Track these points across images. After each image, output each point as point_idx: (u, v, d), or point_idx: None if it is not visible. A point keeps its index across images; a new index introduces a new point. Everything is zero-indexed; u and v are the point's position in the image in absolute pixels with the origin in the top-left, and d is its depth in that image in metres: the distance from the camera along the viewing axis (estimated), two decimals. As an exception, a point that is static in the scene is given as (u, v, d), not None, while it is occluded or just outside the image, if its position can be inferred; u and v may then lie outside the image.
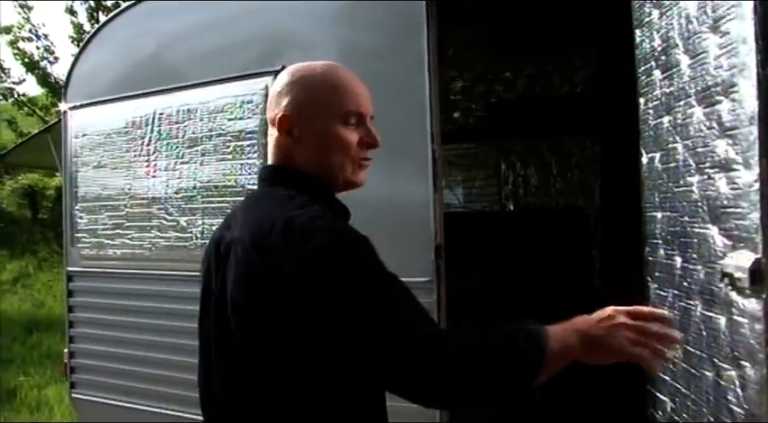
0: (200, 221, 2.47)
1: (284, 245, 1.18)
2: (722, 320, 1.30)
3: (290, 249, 1.17)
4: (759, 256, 1.17)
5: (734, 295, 1.25)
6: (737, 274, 1.21)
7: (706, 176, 1.34)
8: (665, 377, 1.57)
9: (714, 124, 1.30)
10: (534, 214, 4.15)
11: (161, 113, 2.59)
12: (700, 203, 1.38)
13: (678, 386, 1.51)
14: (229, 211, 2.24)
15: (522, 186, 4.20)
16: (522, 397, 1.16)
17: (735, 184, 1.23)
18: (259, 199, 1.43)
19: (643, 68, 1.67)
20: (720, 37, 1.27)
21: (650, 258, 1.67)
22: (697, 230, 1.40)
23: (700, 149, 1.37)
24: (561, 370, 1.16)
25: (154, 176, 2.62)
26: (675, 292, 1.52)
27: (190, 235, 2.51)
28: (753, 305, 1.19)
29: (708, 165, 1.33)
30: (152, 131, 2.61)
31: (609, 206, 3.86)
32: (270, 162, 1.45)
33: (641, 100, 1.69)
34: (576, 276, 3.90)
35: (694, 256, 1.41)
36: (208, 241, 1.39)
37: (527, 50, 4.11)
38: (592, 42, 3.85)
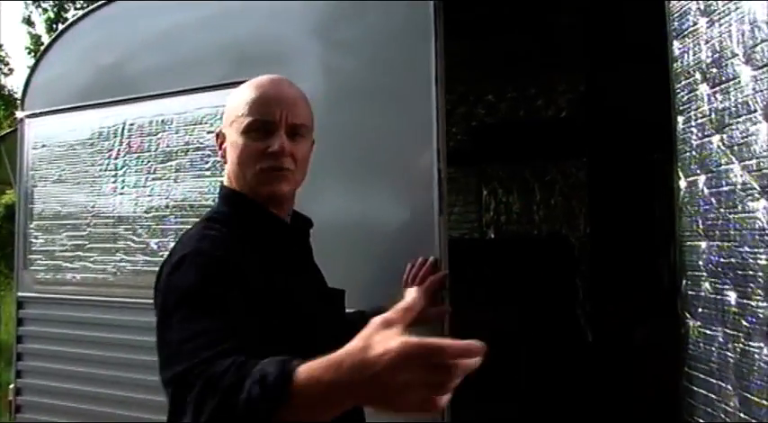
0: (172, 244, 2.22)
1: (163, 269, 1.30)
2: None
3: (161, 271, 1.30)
4: None
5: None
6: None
7: (779, 202, 1.19)
8: (717, 429, 1.39)
9: (794, 142, 1.15)
10: (516, 242, 4.01)
11: (131, 124, 2.36)
12: (767, 232, 1.22)
13: (734, 438, 1.34)
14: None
15: (504, 213, 4.05)
16: None
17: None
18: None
19: (683, 83, 1.51)
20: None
21: (690, 293, 1.51)
22: (763, 263, 1.24)
23: (768, 171, 1.21)
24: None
25: (121, 193, 2.38)
26: (728, 331, 1.35)
27: (161, 259, 2.24)
28: None
29: (783, 188, 1.18)
30: (120, 143, 2.37)
31: (595, 234, 3.74)
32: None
33: (679, 119, 1.54)
34: (558, 306, 3.76)
35: (759, 291, 1.25)
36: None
37: (510, 73, 4.00)
38: (578, 66, 3.76)
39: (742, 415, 1.31)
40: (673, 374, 2.99)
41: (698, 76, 1.46)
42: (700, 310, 1.47)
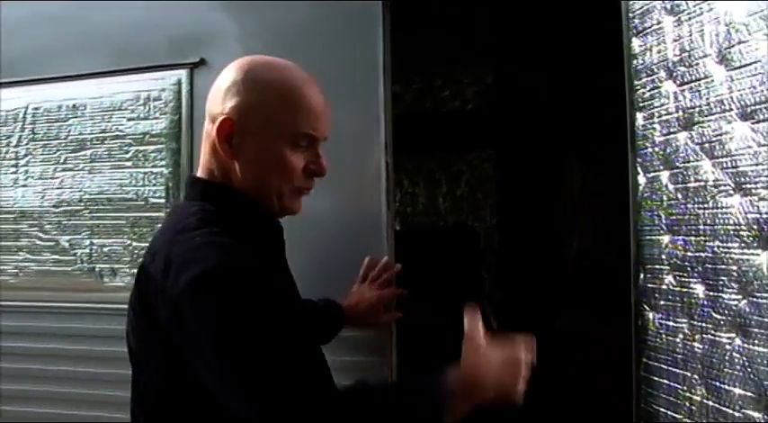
0: (87, 241, 2.03)
1: (162, 276, 1.07)
2: (781, 357, 1.18)
3: (164, 282, 1.06)
4: None
5: (803, 329, 1.14)
6: (819, 307, 1.09)
7: (756, 198, 1.23)
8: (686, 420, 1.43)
9: (773, 141, 1.19)
10: (422, 233, 4.02)
11: (36, 108, 2.11)
12: (741, 227, 1.26)
13: (702, 427, 1.39)
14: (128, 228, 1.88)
15: (410, 204, 4.05)
16: None
17: (809, 206, 1.12)
18: (170, 214, 1.31)
19: (644, 80, 1.54)
20: (788, 46, 1.16)
21: (649, 285, 1.54)
22: (736, 257, 1.28)
23: (745, 168, 1.25)
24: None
25: (24, 185, 2.12)
26: (695, 323, 1.39)
27: (73, 258, 2.04)
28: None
29: (761, 185, 1.22)
30: (23, 129, 2.12)
31: (501, 225, 3.82)
32: (198, 169, 1.28)
33: (639, 115, 1.57)
34: (464, 297, 3.81)
35: (732, 284, 1.29)
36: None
37: (416, 64, 3.98)
38: (485, 58, 3.81)
39: (710, 403, 1.35)
40: (597, 364, 3.13)
41: (662, 73, 1.48)
42: (661, 302, 1.50)
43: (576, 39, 3.57)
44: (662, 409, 1.49)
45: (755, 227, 1.23)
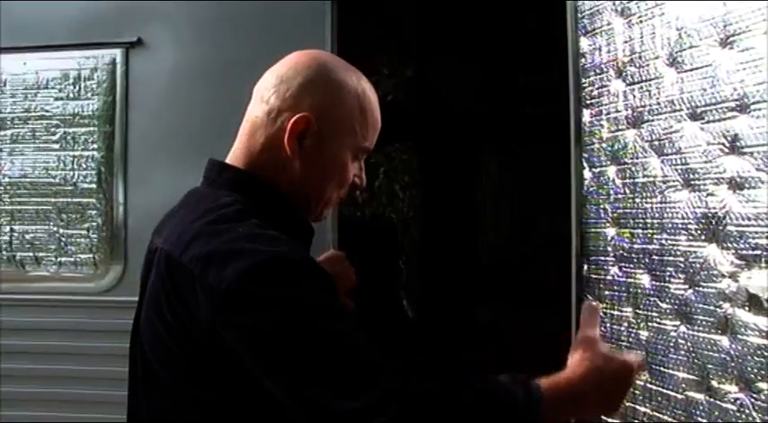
0: (7, 228, 1.88)
1: (201, 269, 0.97)
2: (724, 342, 1.27)
3: (205, 275, 0.96)
4: (791, 276, 1.15)
5: (748, 316, 1.22)
6: (765, 295, 1.18)
7: (705, 193, 1.31)
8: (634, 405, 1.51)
9: (722, 140, 1.27)
10: (340, 224, 4.00)
11: (-56, 82, 1.93)
12: (689, 221, 1.34)
13: (645, 410, 1.46)
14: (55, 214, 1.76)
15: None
16: None
17: (757, 202, 1.20)
18: (191, 201, 1.16)
19: (592, 79, 1.60)
20: (739, 52, 1.24)
21: (593, 276, 1.61)
22: (683, 249, 1.36)
23: (695, 165, 1.33)
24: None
25: (-70, 166, 1.95)
26: (640, 311, 1.47)
27: (-9, 242, 1.89)
28: (781, 326, 1.16)
29: (710, 182, 1.30)
30: (-73, 105, 1.94)
31: (420, 217, 3.87)
32: (238, 160, 1.16)
33: (586, 112, 1.63)
34: (382, 288, 3.84)
35: (678, 275, 1.37)
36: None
37: (336, 54, 3.96)
38: (406, 51, 3.84)
39: (653, 387, 1.43)
40: (517, 353, 3.22)
41: (611, 72, 1.55)
42: (606, 292, 1.57)
43: (501, 35, 3.66)
44: (605, 394, 1.56)
45: (703, 221, 1.31)
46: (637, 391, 1.47)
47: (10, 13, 1.90)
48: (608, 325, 1.56)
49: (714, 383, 1.27)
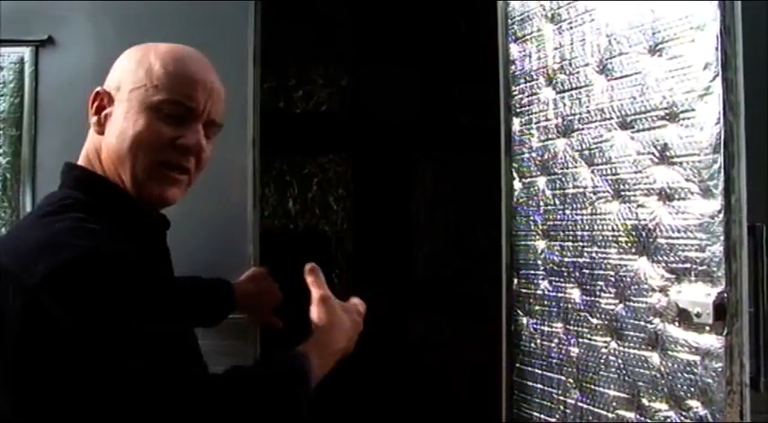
0: None
1: (15, 265, 0.96)
2: (655, 358, 1.22)
3: (18, 272, 0.95)
4: (721, 290, 1.12)
5: (678, 332, 1.18)
6: (695, 310, 1.14)
7: (635, 205, 1.27)
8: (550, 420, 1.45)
9: (652, 150, 1.23)
10: (272, 236, 3.88)
11: None
12: (620, 233, 1.30)
13: (575, 428, 1.41)
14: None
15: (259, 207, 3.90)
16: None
17: (686, 214, 1.17)
18: (39, 205, 1.12)
19: (522, 86, 1.56)
20: (668, 60, 1.20)
21: (523, 290, 1.55)
22: (614, 262, 1.32)
23: (625, 176, 1.29)
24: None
25: None
26: (571, 327, 1.42)
27: None
28: (711, 341, 1.13)
29: (640, 193, 1.26)
30: None
31: (353, 229, 3.79)
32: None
33: (516, 120, 1.58)
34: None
35: (609, 289, 1.32)
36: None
37: (269, 61, 3.86)
38: (341, 60, 3.77)
39: (584, 405, 1.38)
40: (453, 369, 3.16)
41: (542, 80, 1.50)
42: (536, 307, 1.52)
43: (436, 44, 3.63)
44: (535, 413, 1.51)
45: (634, 233, 1.27)
46: (568, 411, 1.42)
47: None
48: (538, 341, 1.51)
49: (644, 401, 1.23)
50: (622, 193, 1.29)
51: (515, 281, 1.59)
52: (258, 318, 1.75)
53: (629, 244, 1.28)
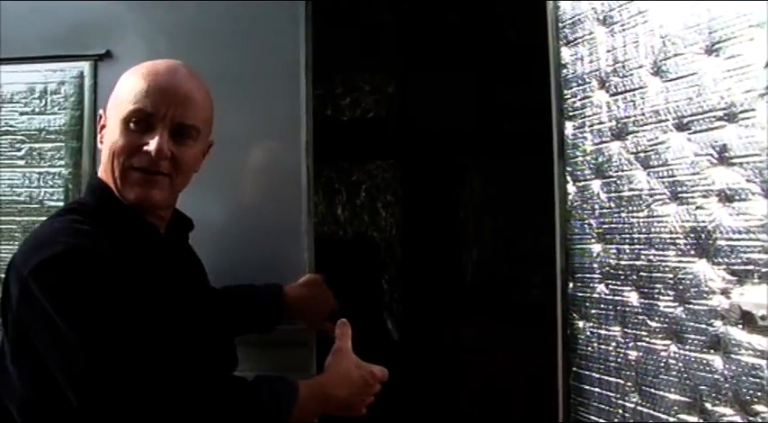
0: (-29, 250, 1.80)
1: (18, 257, 1.18)
2: (717, 362, 1.21)
3: (19, 262, 1.16)
4: (787, 292, 1.10)
5: (741, 334, 1.16)
6: (759, 312, 1.12)
7: (693, 207, 1.25)
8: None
9: (711, 151, 1.22)
10: (322, 244, 3.93)
11: None
12: (678, 235, 1.29)
13: (636, 433, 1.40)
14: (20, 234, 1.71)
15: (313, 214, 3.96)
16: None
17: (748, 215, 1.15)
18: (54, 214, 1.34)
19: (575, 90, 1.55)
20: (725, 59, 1.19)
21: (578, 294, 1.55)
22: (672, 265, 1.30)
23: (682, 178, 1.28)
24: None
25: None
26: (629, 330, 1.41)
27: (-52, 264, 1.80)
28: (779, 345, 1.11)
29: (698, 194, 1.24)
30: None
31: (402, 236, 3.81)
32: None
33: (569, 124, 1.57)
34: (365, 307, 3.76)
35: (667, 291, 1.31)
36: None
37: (316, 70, 3.91)
38: (388, 67, 3.80)
39: (643, 409, 1.37)
40: (505, 374, 3.15)
41: (594, 83, 1.50)
42: (593, 311, 1.51)
43: (483, 49, 3.63)
44: (593, 417, 1.50)
45: (692, 235, 1.25)
46: (627, 414, 1.41)
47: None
48: (595, 345, 1.50)
49: (708, 405, 1.21)
50: (680, 195, 1.28)
51: (570, 285, 1.58)
52: (311, 324, 1.79)
53: (688, 246, 1.26)
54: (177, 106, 1.27)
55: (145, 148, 1.25)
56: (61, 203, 1.81)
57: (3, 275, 1.75)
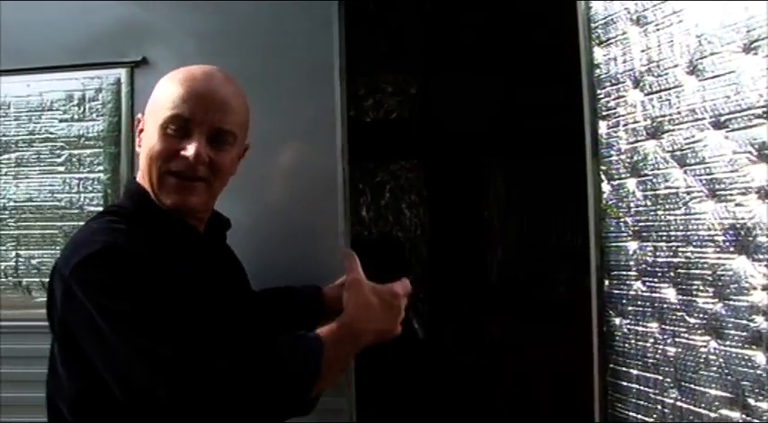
0: (12, 253, 1.84)
1: (60, 258, 1.22)
2: (759, 357, 1.22)
3: (61, 263, 1.20)
4: (829, 288, 1.11)
5: (784, 331, 1.17)
6: (804, 309, 1.13)
7: (732, 204, 1.26)
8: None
9: (749, 149, 1.23)
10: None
11: (-54, 106, 1.91)
12: (716, 232, 1.30)
13: (676, 429, 1.41)
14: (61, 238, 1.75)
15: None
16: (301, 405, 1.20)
17: (789, 211, 1.16)
18: (93, 217, 1.36)
19: (608, 89, 1.57)
20: (764, 57, 1.20)
21: (615, 291, 1.56)
22: (711, 261, 1.32)
23: (720, 175, 1.29)
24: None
25: (-69, 191, 1.91)
26: (666, 326, 1.42)
27: (-8, 269, 1.86)
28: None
29: (737, 191, 1.25)
30: (-72, 129, 1.91)
31: (427, 235, 3.83)
32: None
33: (602, 123, 1.59)
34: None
35: (706, 288, 1.32)
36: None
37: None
38: (410, 68, 3.82)
39: (683, 405, 1.38)
40: (534, 372, 3.16)
41: (628, 82, 1.51)
42: (629, 308, 1.52)
43: (505, 49, 3.64)
44: (631, 413, 1.51)
45: (731, 232, 1.26)
46: (666, 410, 1.42)
47: (13, 36, 1.88)
48: (633, 342, 1.51)
49: (750, 401, 1.22)
50: (718, 193, 1.29)
51: (606, 282, 1.59)
52: None
53: (727, 243, 1.27)
54: (215, 112, 1.28)
55: (182, 153, 1.26)
56: (100, 208, 1.85)
57: (46, 279, 1.83)
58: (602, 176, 1.60)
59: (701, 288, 1.33)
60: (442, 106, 3.73)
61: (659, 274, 1.44)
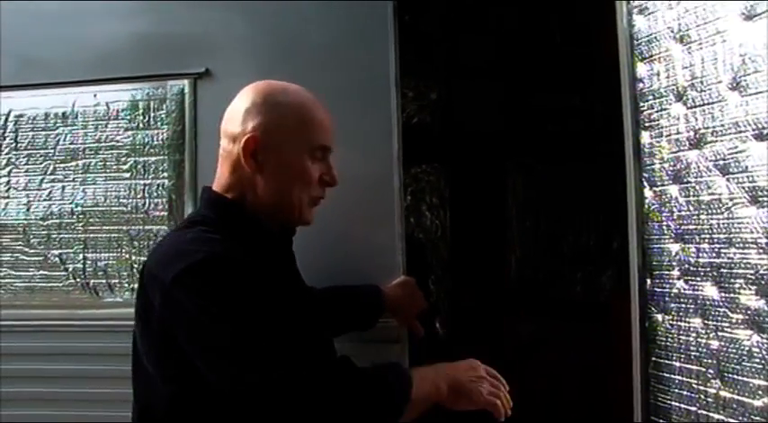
0: (80, 256, 1.95)
1: (156, 267, 1.26)
2: (800, 350, 1.33)
3: (159, 272, 1.24)
4: None
5: (824, 325, 1.29)
6: (843, 305, 1.24)
7: (775, 209, 1.38)
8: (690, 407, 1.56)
9: (792, 159, 1.34)
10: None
11: (19, 115, 2.01)
12: (759, 235, 1.41)
13: (720, 417, 1.53)
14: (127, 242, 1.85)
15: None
16: None
17: (829, 217, 1.28)
18: (180, 226, 1.43)
19: (650, 102, 1.68)
20: (806, 76, 1.32)
21: (657, 290, 1.68)
22: (753, 262, 1.43)
23: (763, 183, 1.40)
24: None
25: (6, 197, 2.02)
26: (709, 322, 1.54)
27: (64, 273, 1.96)
28: None
29: (778, 198, 1.37)
30: (3, 138, 2.01)
31: (448, 237, 3.94)
32: (217, 184, 1.42)
33: (644, 134, 1.71)
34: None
35: (749, 286, 1.44)
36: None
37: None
38: (432, 73, 3.93)
39: (726, 394, 1.49)
40: (558, 371, 3.26)
41: (671, 96, 1.63)
42: (672, 305, 1.64)
43: (524, 54, 3.75)
44: (674, 403, 1.62)
45: (776, 235, 1.38)
46: (709, 399, 1.53)
47: (82, 48, 1.99)
48: (675, 336, 1.62)
49: (794, 389, 1.33)
50: (760, 199, 1.41)
51: (648, 281, 1.71)
52: (403, 321, 1.92)
53: (769, 245, 1.39)
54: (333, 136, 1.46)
55: (326, 178, 1.43)
56: (165, 214, 1.95)
57: (113, 281, 1.93)
58: (645, 183, 1.72)
59: (744, 286, 1.45)
60: (461, 111, 3.84)
61: (702, 274, 1.55)
